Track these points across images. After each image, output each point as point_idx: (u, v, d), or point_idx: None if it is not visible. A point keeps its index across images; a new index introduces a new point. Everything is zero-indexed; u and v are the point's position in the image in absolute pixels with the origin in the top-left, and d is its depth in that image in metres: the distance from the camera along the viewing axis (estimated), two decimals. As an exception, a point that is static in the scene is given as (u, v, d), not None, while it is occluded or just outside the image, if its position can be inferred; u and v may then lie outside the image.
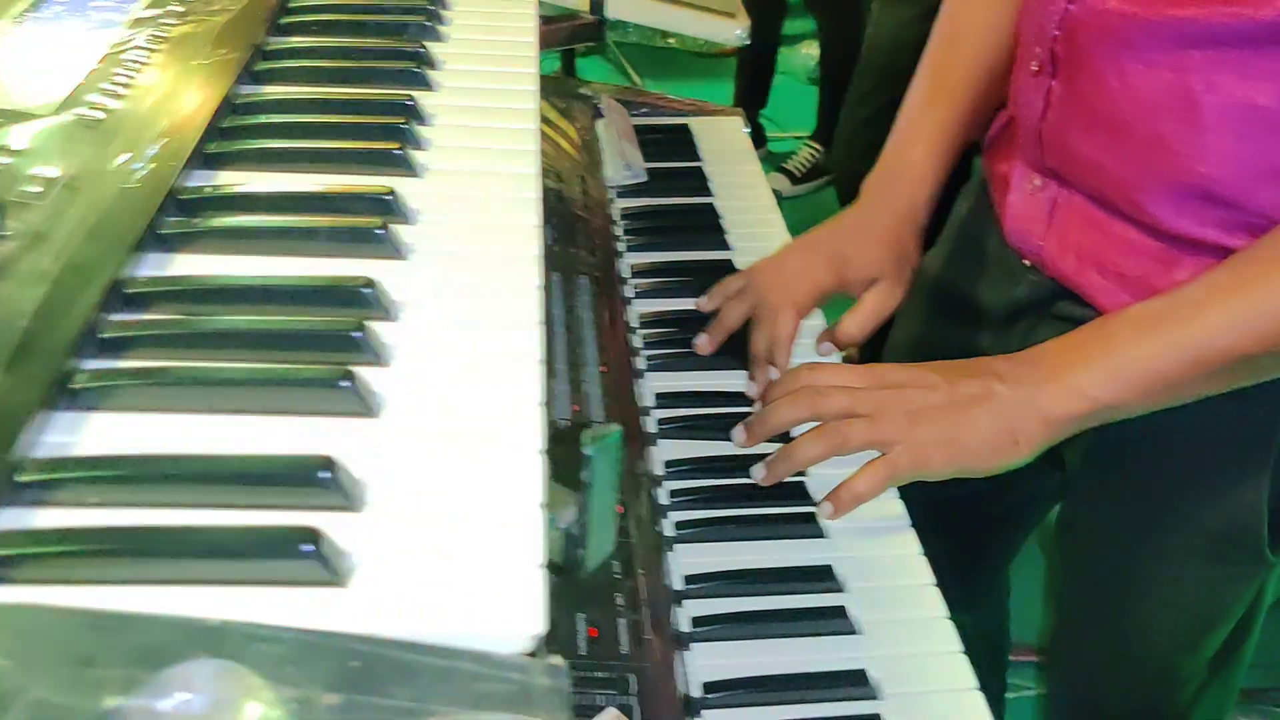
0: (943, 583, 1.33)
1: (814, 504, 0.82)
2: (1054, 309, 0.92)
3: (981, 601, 1.34)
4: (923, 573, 0.78)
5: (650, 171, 1.21)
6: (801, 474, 0.84)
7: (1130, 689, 1.04)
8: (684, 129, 1.32)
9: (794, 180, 3.15)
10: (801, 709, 0.68)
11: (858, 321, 0.94)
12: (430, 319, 0.50)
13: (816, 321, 0.98)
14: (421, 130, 0.65)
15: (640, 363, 0.96)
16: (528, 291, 0.52)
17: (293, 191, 0.56)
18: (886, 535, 0.81)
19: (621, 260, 1.09)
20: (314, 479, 0.39)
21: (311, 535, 0.36)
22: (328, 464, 0.39)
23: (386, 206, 0.55)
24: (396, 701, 0.33)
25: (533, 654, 0.37)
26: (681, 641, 0.72)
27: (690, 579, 0.76)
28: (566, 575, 0.51)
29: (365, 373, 0.46)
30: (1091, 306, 0.87)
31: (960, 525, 1.19)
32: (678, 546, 0.79)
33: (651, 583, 0.73)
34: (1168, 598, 0.96)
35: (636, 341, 0.98)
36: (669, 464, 0.85)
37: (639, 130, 1.30)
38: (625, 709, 0.64)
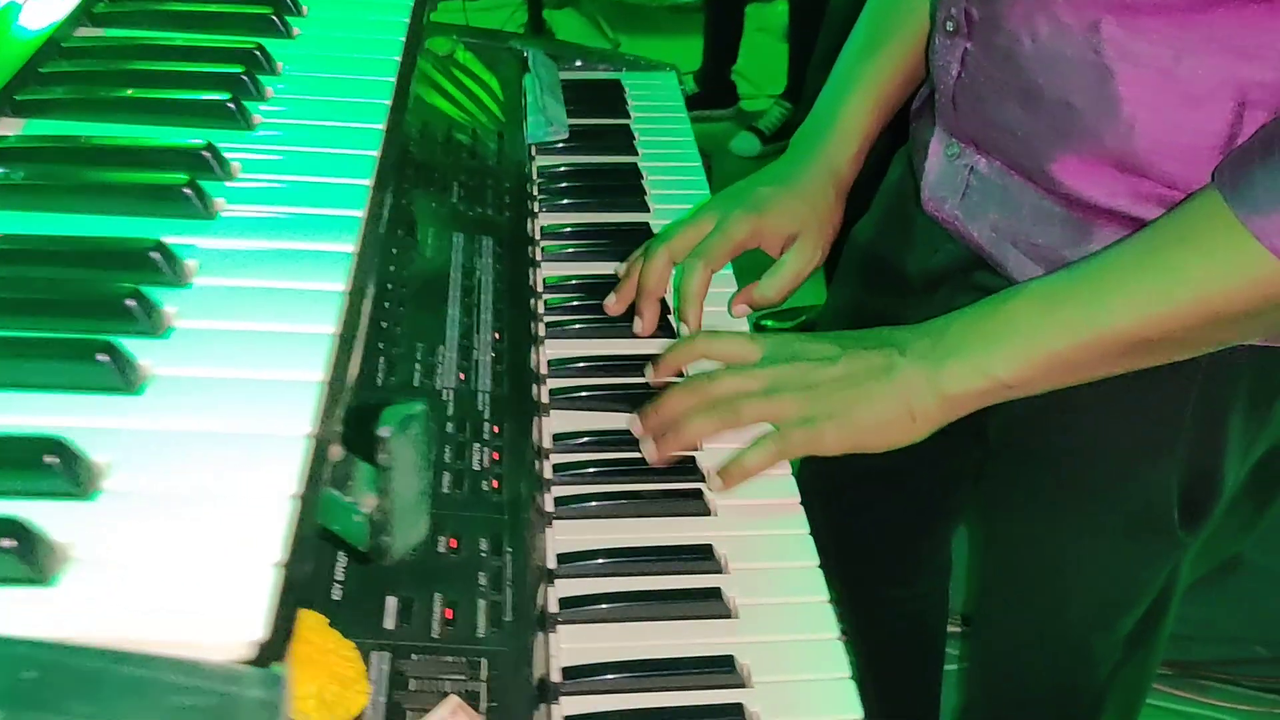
0: (875, 558, 1.31)
1: (703, 481, 0.79)
2: (972, 279, 0.89)
3: (916, 576, 1.32)
4: (808, 555, 0.75)
5: (575, 129, 1.17)
6: (694, 449, 0.81)
7: (1046, 667, 1.03)
8: (616, 85, 1.28)
9: (764, 139, 3.10)
10: (663, 695, 0.65)
11: (774, 284, 0.91)
12: (226, 288, 0.46)
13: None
14: (268, 80, 0.61)
15: (541, 329, 0.92)
16: (338, 261, 0.48)
17: (97, 144, 0.52)
18: (776, 515, 0.78)
19: (535, 221, 1.06)
20: (38, 464, 0.36)
21: (12, 528, 0.33)
22: (55, 447, 0.36)
23: (200, 163, 0.51)
24: (71, 718, 0.29)
25: (261, 661, 0.33)
26: (547, 623, 0.69)
27: (563, 557, 0.73)
28: (373, 563, 0.48)
29: (137, 345, 0.42)
30: (1008, 279, 0.84)
31: (887, 500, 1.17)
32: (556, 523, 0.76)
33: (521, 561, 0.70)
34: (1081, 576, 0.94)
35: (541, 307, 0.95)
36: (557, 437, 0.82)
37: (571, 85, 1.25)
38: (473, 694, 0.61)
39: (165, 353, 0.42)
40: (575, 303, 0.94)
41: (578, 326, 0.92)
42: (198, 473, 0.38)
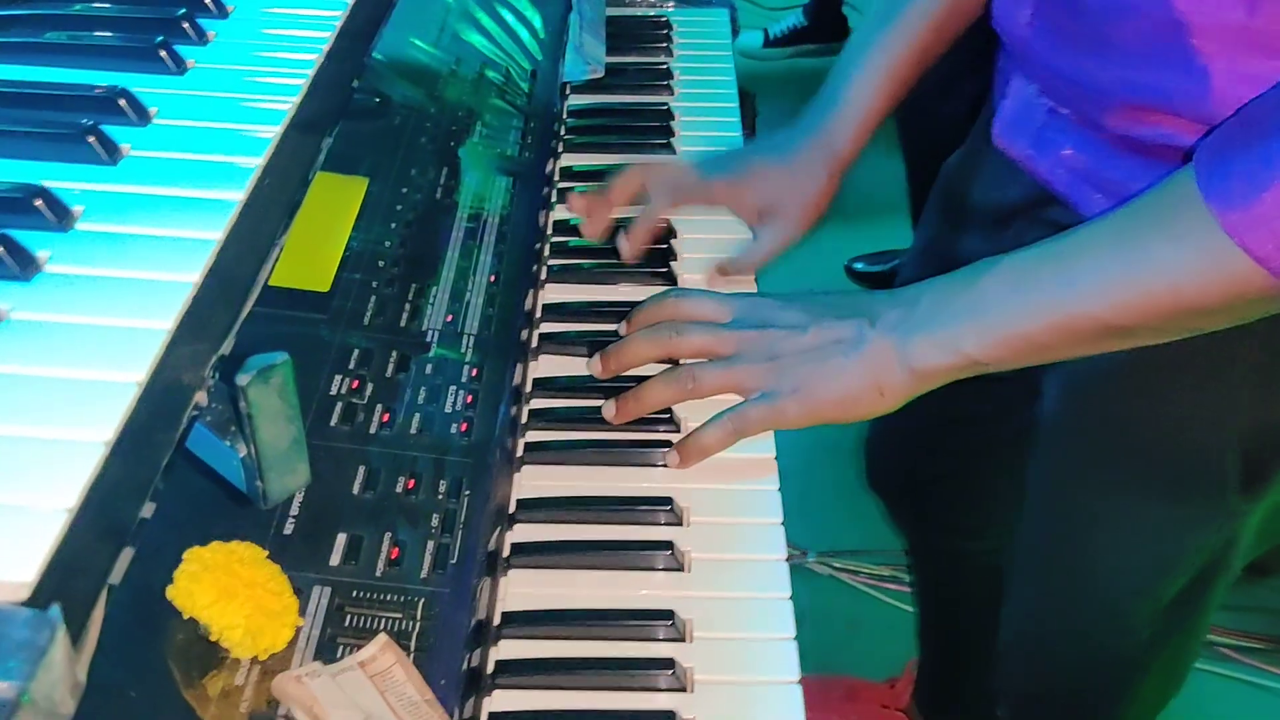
0: (941, 513, 1.27)
1: (679, 431, 0.78)
2: (1045, 214, 0.85)
3: (986, 530, 1.28)
4: (772, 512, 0.74)
5: (613, 67, 1.16)
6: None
7: (1080, 629, 1.00)
8: (664, 22, 1.25)
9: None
10: (599, 646, 0.66)
11: (744, 259, 0.89)
12: (107, 234, 0.47)
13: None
14: (211, 25, 0.61)
15: (544, 272, 0.92)
16: (222, 209, 0.49)
17: (6, 88, 0.54)
18: (748, 471, 0.76)
19: (557, 162, 1.05)
20: None
21: None
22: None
23: (109, 108, 0.53)
24: None
25: (36, 604, 0.35)
26: (498, 567, 0.70)
27: (524, 503, 0.74)
28: (249, 507, 0.50)
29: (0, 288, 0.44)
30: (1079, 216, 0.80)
31: (948, 457, 1.14)
32: (525, 468, 0.77)
33: (478, 505, 0.71)
34: (1122, 535, 0.90)
35: (548, 249, 0.94)
36: (537, 381, 0.82)
37: (617, 21, 1.24)
38: (405, 634, 0.63)
39: (26, 297, 0.44)
40: (581, 246, 0.94)
41: (580, 270, 0.92)
42: (24, 415, 0.39)
